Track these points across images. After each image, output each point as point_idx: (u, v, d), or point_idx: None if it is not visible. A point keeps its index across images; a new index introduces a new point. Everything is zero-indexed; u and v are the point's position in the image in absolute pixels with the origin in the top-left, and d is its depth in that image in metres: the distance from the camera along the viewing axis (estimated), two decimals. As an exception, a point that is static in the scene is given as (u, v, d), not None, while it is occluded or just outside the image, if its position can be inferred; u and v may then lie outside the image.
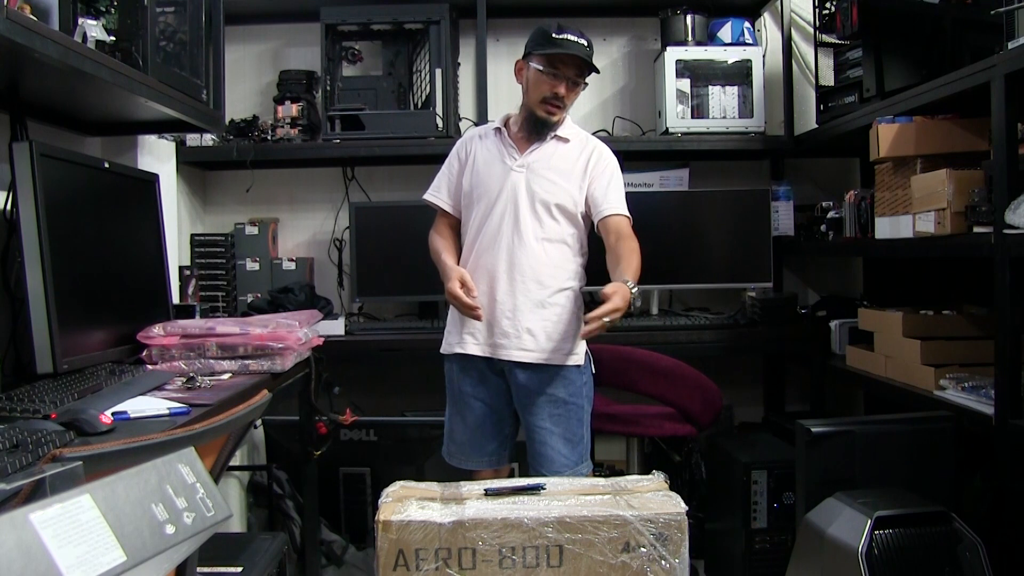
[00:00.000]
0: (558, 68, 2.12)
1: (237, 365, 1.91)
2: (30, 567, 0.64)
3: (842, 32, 2.71)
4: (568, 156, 2.20)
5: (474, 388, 2.21)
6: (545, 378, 2.15)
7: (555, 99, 2.13)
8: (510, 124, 2.26)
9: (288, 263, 3.22)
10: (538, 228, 2.16)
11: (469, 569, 1.54)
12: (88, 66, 1.61)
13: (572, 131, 2.24)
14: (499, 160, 2.21)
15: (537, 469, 2.15)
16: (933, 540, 1.76)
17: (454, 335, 2.23)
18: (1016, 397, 1.86)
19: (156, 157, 2.70)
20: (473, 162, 2.24)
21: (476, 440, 2.22)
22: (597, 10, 3.43)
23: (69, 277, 1.66)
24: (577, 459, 2.16)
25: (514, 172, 2.18)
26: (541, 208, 2.16)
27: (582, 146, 2.22)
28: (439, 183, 2.31)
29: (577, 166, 2.19)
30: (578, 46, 2.10)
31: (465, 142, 2.31)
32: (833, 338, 2.91)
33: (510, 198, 2.16)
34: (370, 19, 3.11)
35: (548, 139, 2.20)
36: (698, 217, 3.17)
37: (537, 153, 2.19)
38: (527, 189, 2.16)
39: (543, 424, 2.14)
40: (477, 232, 2.20)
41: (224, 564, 1.77)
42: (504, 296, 2.15)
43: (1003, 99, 1.87)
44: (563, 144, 2.21)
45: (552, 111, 2.15)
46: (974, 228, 2.02)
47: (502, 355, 2.15)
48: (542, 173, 2.17)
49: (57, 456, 0.89)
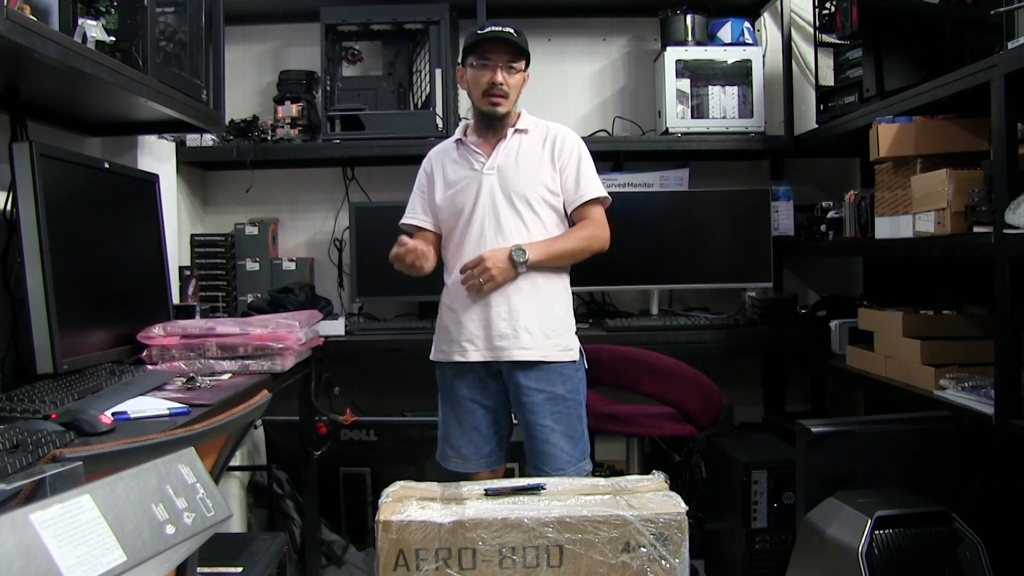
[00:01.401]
0: (488, 57, 2.15)
1: (237, 365, 1.91)
2: (30, 567, 0.64)
3: (842, 32, 2.71)
4: (532, 146, 2.22)
5: (471, 391, 2.21)
6: (544, 376, 2.15)
7: (493, 88, 2.15)
8: (468, 133, 2.28)
9: (288, 263, 3.22)
10: (520, 224, 2.17)
11: (469, 569, 1.54)
12: (88, 66, 1.61)
13: (529, 122, 2.26)
14: (468, 168, 2.22)
15: (539, 467, 2.15)
16: (933, 540, 1.76)
17: (447, 343, 2.22)
18: (1016, 397, 1.86)
19: (156, 157, 2.70)
20: (442, 176, 2.26)
21: (474, 443, 2.22)
22: (597, 10, 3.43)
23: (69, 277, 1.66)
24: (579, 455, 2.16)
25: (485, 175, 2.19)
26: (519, 203, 2.17)
27: (543, 135, 2.24)
28: (413, 205, 2.32)
29: (544, 155, 2.21)
30: (502, 32, 2.15)
31: (430, 159, 2.33)
32: (833, 338, 2.91)
33: (487, 201, 2.17)
34: (370, 19, 3.11)
35: (509, 136, 2.22)
36: (698, 217, 3.17)
37: (502, 152, 2.21)
38: (501, 188, 2.18)
39: (544, 422, 2.14)
40: (460, 240, 2.21)
41: (224, 564, 1.77)
42: (497, 298, 2.15)
43: (1003, 99, 1.87)
44: (524, 136, 2.23)
45: (495, 101, 2.16)
46: (974, 228, 2.02)
47: (503, 357, 2.15)
48: (512, 169, 2.19)
49: (57, 456, 0.89)
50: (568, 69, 3.47)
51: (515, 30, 2.17)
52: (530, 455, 2.19)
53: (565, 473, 2.10)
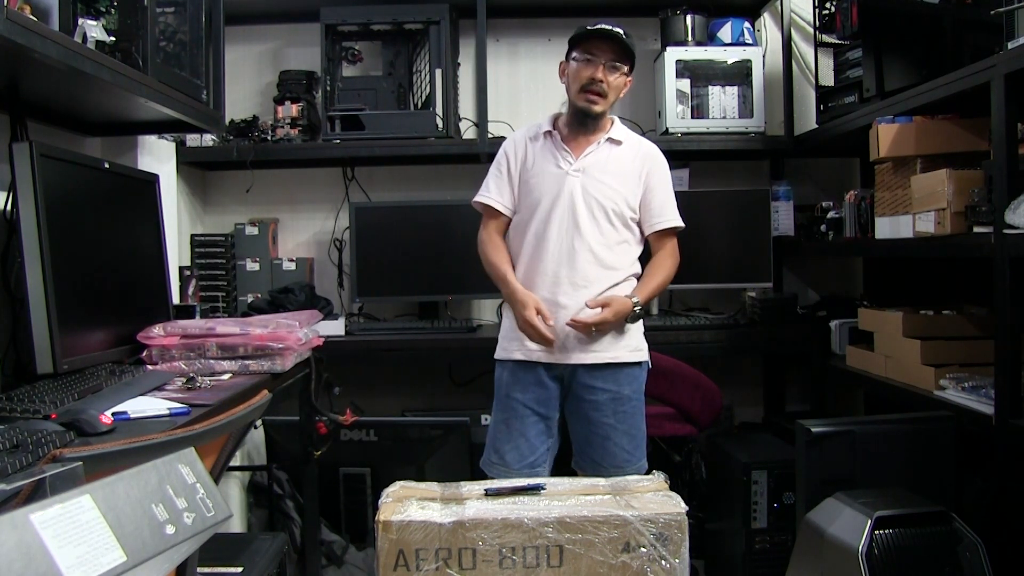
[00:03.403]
0: (593, 53, 2.12)
1: (237, 365, 1.91)
2: (30, 567, 0.64)
3: (842, 32, 2.71)
4: (622, 159, 2.18)
5: (525, 395, 2.16)
6: (611, 376, 2.12)
7: (592, 84, 2.11)
8: (560, 126, 2.23)
9: (288, 263, 3.22)
10: (597, 232, 2.13)
11: (469, 569, 1.54)
12: (88, 66, 1.61)
13: (623, 133, 2.23)
14: (554, 164, 2.17)
15: (596, 463, 2.11)
16: (933, 540, 1.76)
17: (513, 341, 2.19)
18: (1016, 397, 1.86)
19: (156, 157, 2.70)
20: (527, 165, 2.20)
21: (519, 449, 2.16)
22: (597, 10, 3.41)
23: (69, 277, 1.66)
24: (639, 454, 2.15)
25: (570, 176, 2.14)
26: (599, 212, 2.14)
27: (635, 150, 2.21)
28: (490, 185, 2.25)
29: (632, 169, 2.18)
30: (611, 31, 2.12)
31: (515, 143, 2.26)
32: (833, 338, 2.91)
33: (568, 203, 2.13)
34: (370, 19, 3.11)
35: (602, 141, 2.18)
36: (698, 217, 3.16)
37: (592, 157, 2.17)
38: (584, 193, 2.13)
39: (607, 420, 2.11)
40: (536, 238, 2.16)
41: (224, 564, 1.77)
42: (568, 300, 2.12)
43: (1003, 99, 1.87)
44: (616, 147, 2.19)
45: (592, 98, 2.12)
46: (974, 228, 2.02)
47: (570, 360, 2.12)
48: (599, 177, 2.15)
49: (57, 456, 0.89)
50: (568, 69, 3.47)
51: (624, 32, 2.14)
52: (586, 450, 2.15)
53: (623, 471, 2.06)
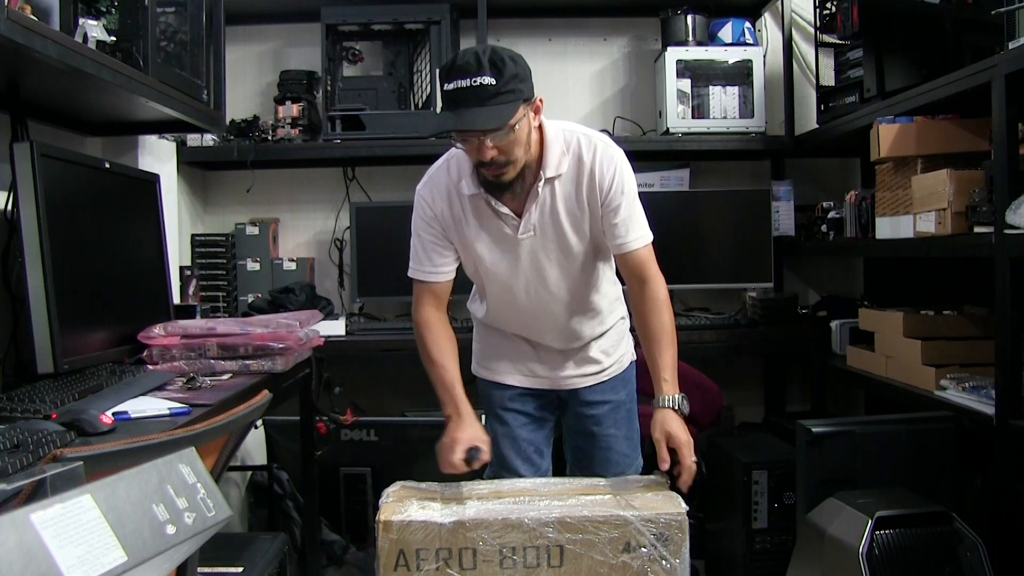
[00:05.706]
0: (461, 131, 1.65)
1: (238, 365, 1.91)
2: (31, 567, 0.64)
3: (843, 32, 2.71)
4: (568, 194, 1.81)
5: (523, 404, 2.07)
6: (608, 387, 2.07)
7: (484, 166, 1.69)
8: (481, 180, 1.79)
9: (289, 263, 3.23)
10: (567, 280, 1.91)
11: (470, 569, 1.54)
12: (89, 66, 1.61)
13: (559, 159, 1.77)
14: (498, 230, 1.84)
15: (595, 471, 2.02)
16: (933, 540, 1.76)
17: (496, 362, 2.05)
18: (1016, 397, 1.86)
19: (156, 157, 2.70)
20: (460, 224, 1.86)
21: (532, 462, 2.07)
22: (597, 10, 3.43)
23: (70, 277, 1.66)
24: (636, 455, 2.12)
25: (522, 240, 1.83)
26: (565, 260, 1.88)
27: (575, 170, 1.79)
28: (419, 256, 1.93)
29: (583, 200, 1.82)
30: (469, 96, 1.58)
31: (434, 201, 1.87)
32: (834, 338, 2.91)
33: (530, 266, 1.87)
34: (370, 19, 3.11)
35: (541, 186, 1.77)
36: (699, 217, 3.17)
37: (537, 212, 1.81)
38: (543, 250, 1.86)
39: (609, 431, 2.05)
40: (504, 305, 1.97)
41: (225, 564, 1.77)
42: (556, 342, 2.01)
43: (1003, 99, 1.87)
44: (559, 183, 1.80)
45: (497, 174, 1.70)
46: (974, 228, 2.02)
47: (566, 386, 2.04)
48: (553, 227, 1.83)
49: (58, 456, 0.89)
50: (568, 69, 3.47)
51: (491, 75, 1.57)
52: (586, 460, 2.07)
53: (624, 474, 2.01)
